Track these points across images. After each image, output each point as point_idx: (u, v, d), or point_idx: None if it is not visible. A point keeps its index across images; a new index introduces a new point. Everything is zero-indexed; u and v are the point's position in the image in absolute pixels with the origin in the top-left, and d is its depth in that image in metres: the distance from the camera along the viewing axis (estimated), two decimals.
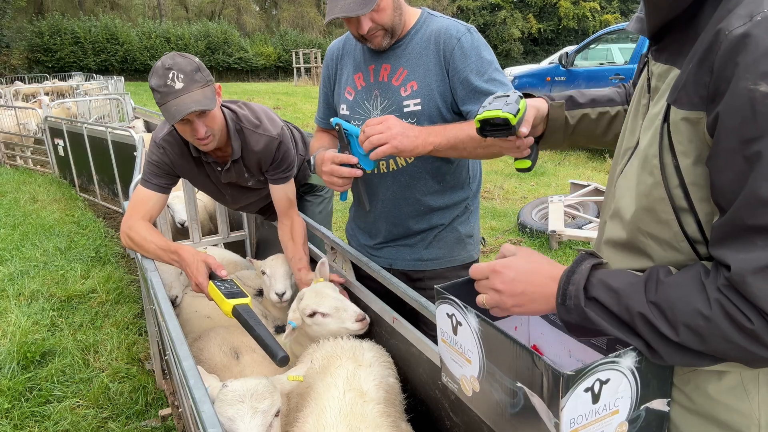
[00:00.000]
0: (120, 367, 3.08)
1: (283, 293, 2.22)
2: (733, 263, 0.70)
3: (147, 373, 3.03)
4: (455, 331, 1.03)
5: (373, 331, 1.91)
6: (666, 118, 0.81)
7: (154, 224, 2.17)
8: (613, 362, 0.80)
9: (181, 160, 2.14)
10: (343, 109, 1.89)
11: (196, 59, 1.91)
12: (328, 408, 1.45)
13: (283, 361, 1.59)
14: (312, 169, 1.81)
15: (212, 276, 1.90)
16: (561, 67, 8.98)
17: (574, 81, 8.77)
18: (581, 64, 9.14)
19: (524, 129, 1.08)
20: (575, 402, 0.79)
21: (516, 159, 1.19)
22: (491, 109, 1.05)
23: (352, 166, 1.63)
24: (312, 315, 1.84)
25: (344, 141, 1.65)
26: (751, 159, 0.69)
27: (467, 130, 1.59)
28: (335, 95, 1.96)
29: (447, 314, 1.04)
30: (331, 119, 1.66)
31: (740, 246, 0.70)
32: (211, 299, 1.86)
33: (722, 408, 0.83)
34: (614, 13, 38.13)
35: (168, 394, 2.67)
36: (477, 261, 2.02)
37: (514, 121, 1.03)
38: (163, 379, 2.83)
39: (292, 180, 2.31)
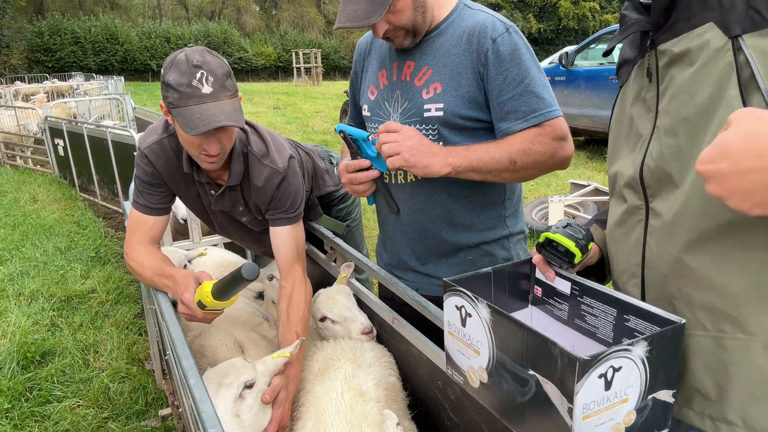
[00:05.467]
0: (120, 367, 3.08)
1: None
2: None
3: (147, 373, 3.03)
4: (464, 323, 1.04)
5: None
6: (736, 55, 0.80)
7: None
8: (626, 350, 0.82)
9: (167, 171, 1.84)
10: (365, 109, 1.75)
11: (226, 62, 1.62)
12: (327, 409, 1.45)
13: (248, 272, 1.45)
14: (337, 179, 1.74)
15: None
16: (561, 67, 8.97)
17: (574, 81, 8.77)
18: (581, 64, 9.13)
19: (574, 270, 1.11)
20: (589, 388, 0.81)
21: None
22: (565, 236, 1.05)
23: (366, 169, 1.59)
24: (322, 320, 1.86)
25: (353, 147, 1.59)
26: None
27: (493, 152, 1.44)
28: (360, 94, 1.81)
29: (456, 306, 1.05)
30: (335, 126, 1.57)
31: None
32: (200, 315, 1.64)
33: None
34: (614, 13, 38.15)
35: (168, 394, 2.67)
36: None
37: (578, 260, 1.05)
38: (163, 379, 2.83)
39: (301, 225, 1.89)
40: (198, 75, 1.51)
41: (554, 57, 10.25)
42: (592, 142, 9.89)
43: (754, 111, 0.71)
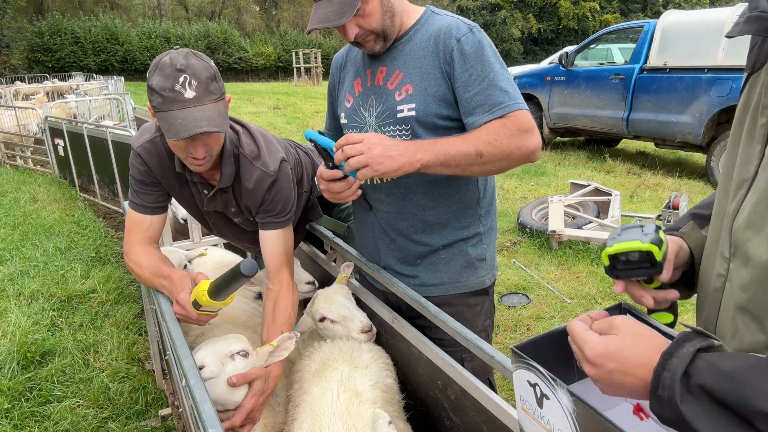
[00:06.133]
0: (120, 367, 3.08)
1: None
2: None
3: (147, 373, 3.03)
4: (540, 404, 0.86)
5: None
6: None
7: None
8: None
9: (160, 170, 1.82)
10: (342, 117, 1.79)
11: (213, 64, 1.60)
12: (323, 410, 1.45)
13: (247, 268, 1.45)
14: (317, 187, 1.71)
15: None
16: (561, 67, 8.98)
17: (574, 81, 8.77)
18: (581, 64, 9.13)
19: (665, 273, 0.86)
20: None
21: (653, 311, 0.94)
22: (624, 240, 0.85)
23: (342, 178, 1.56)
24: (322, 320, 1.86)
25: (323, 155, 1.56)
26: None
27: (459, 145, 1.45)
28: (338, 104, 1.85)
29: (528, 382, 0.87)
30: (304, 132, 1.58)
31: None
32: (194, 315, 1.64)
33: None
34: (614, 13, 38.16)
35: (168, 394, 2.67)
36: (490, 287, 1.80)
37: (659, 256, 0.83)
38: (163, 379, 2.83)
39: (290, 229, 1.91)
40: (181, 79, 1.49)
41: (554, 57, 10.26)
42: (592, 142, 9.89)
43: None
